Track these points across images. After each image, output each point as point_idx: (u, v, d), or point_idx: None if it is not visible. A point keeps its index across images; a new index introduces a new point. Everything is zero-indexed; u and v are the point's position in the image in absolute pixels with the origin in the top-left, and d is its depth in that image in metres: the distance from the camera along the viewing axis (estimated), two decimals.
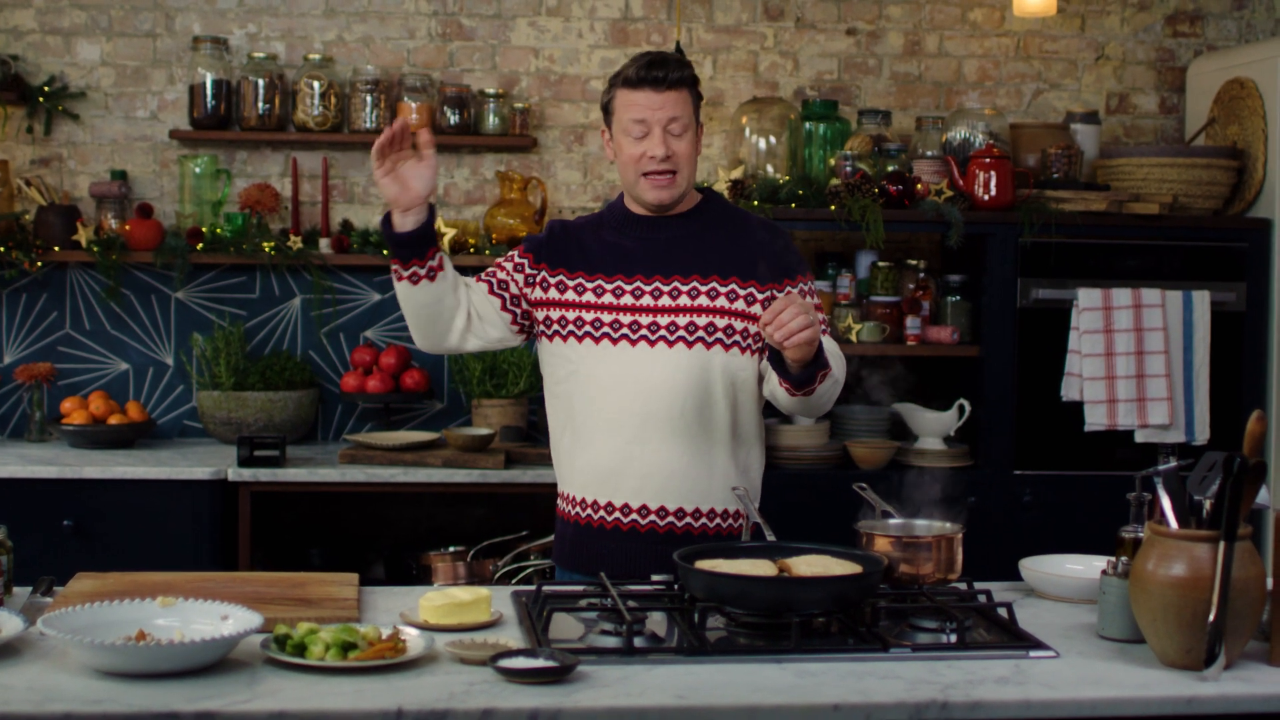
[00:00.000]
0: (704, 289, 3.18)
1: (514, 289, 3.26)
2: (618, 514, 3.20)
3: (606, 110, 3.26)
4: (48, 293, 5.33)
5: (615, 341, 3.18)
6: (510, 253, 3.30)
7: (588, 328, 3.20)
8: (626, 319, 3.18)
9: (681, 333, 3.16)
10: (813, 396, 3.09)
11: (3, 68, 5.20)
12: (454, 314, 3.21)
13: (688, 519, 3.19)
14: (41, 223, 5.17)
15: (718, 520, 3.21)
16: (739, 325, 3.18)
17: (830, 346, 3.14)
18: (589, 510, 3.24)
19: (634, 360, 3.17)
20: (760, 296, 3.19)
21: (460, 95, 5.35)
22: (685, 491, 3.18)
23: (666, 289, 3.18)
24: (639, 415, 3.16)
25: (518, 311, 3.26)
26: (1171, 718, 2.41)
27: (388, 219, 3.11)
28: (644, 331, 3.17)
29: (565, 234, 3.29)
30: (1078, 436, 4.93)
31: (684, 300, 3.17)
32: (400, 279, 3.15)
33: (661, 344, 3.16)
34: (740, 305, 3.18)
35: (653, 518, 3.18)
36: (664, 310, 3.17)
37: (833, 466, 4.96)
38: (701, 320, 3.17)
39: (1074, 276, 4.97)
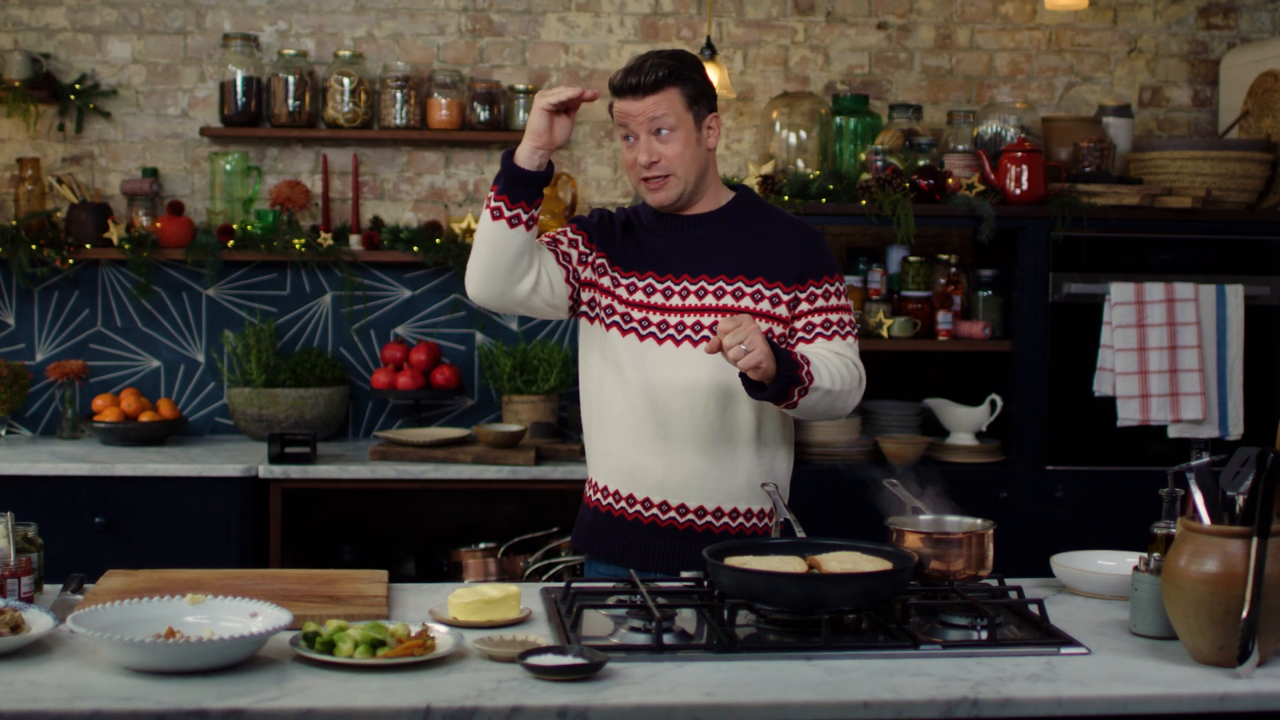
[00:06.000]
0: (729, 289, 3.16)
1: (574, 262, 3.22)
2: (639, 507, 3.20)
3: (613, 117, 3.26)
4: (79, 290, 5.35)
5: (643, 338, 3.17)
6: (561, 229, 3.26)
7: (616, 318, 3.20)
8: (655, 317, 3.17)
9: (706, 333, 3.14)
10: (796, 410, 3.05)
11: (34, 66, 5.23)
12: (529, 269, 3.11)
13: (708, 517, 3.18)
14: (73, 220, 5.19)
15: (740, 520, 3.20)
16: (763, 326, 3.14)
17: (825, 355, 3.08)
18: (610, 499, 3.25)
19: (660, 358, 3.16)
20: (785, 297, 3.17)
21: (490, 91, 5.35)
22: (707, 491, 3.17)
23: (694, 289, 3.17)
24: (661, 413, 3.16)
25: (576, 285, 3.22)
26: (1204, 715, 2.40)
27: (510, 155, 3.04)
28: (670, 331, 3.16)
29: (610, 224, 3.27)
30: (1110, 432, 4.90)
31: (709, 300, 3.16)
32: (499, 218, 3.04)
33: (686, 344, 3.15)
34: (765, 306, 3.16)
35: (673, 514, 3.18)
36: (690, 310, 3.16)
37: (864, 462, 4.94)
38: None
39: (1106, 271, 4.95)
